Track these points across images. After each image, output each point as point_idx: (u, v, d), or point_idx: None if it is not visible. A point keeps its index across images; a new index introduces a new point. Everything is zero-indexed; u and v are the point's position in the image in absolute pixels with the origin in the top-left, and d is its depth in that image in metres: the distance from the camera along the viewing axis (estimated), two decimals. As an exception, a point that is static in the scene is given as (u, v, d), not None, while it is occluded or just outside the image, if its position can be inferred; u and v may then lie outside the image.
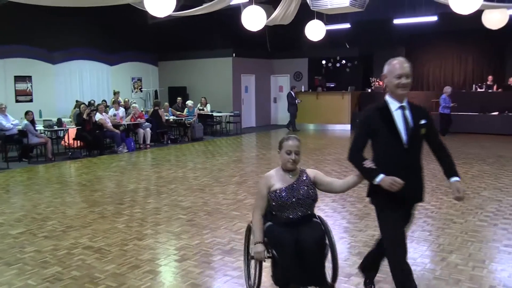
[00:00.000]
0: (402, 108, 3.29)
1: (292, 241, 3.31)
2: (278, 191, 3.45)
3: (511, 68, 16.96)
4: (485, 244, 5.13)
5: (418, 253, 4.89)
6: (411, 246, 5.08)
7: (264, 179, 3.59)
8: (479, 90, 16.67)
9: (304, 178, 3.56)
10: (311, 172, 3.64)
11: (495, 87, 16.44)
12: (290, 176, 3.53)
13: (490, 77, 16.75)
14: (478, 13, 9.39)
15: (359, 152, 3.36)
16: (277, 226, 3.44)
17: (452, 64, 18.73)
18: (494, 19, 9.87)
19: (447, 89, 15.03)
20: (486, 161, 10.37)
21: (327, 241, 3.42)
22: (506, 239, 5.30)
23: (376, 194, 3.36)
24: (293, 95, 17.58)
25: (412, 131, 3.25)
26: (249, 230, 3.75)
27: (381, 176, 3.21)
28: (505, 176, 8.78)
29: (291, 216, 3.44)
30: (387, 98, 3.34)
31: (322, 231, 3.46)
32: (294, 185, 3.48)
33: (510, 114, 15.31)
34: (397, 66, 3.24)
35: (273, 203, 3.47)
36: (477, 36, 16.63)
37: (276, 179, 3.52)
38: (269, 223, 3.51)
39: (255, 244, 3.45)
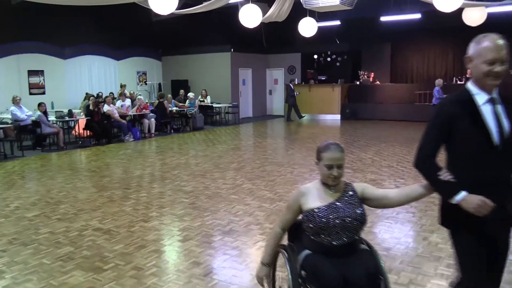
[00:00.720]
0: (492, 101, 2.32)
1: (339, 278, 2.40)
2: (316, 210, 2.54)
3: (489, 62, 16.93)
4: (463, 225, 5.16)
5: (402, 233, 4.92)
6: (396, 227, 5.12)
7: (297, 193, 2.68)
8: (459, 82, 16.67)
9: (350, 194, 2.64)
10: (359, 186, 2.71)
11: (474, 80, 16.42)
12: (332, 191, 2.62)
13: (469, 71, 16.69)
14: (459, 11, 9.35)
15: (432, 158, 2.40)
16: (318, 257, 2.54)
17: (435, 59, 18.69)
18: (473, 17, 9.84)
19: (439, 81, 14.95)
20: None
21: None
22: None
23: (452, 214, 2.39)
24: (292, 87, 17.54)
25: (508, 131, 2.28)
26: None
27: (463, 193, 2.24)
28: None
29: (334, 243, 2.52)
30: (470, 87, 2.41)
31: (374, 263, 2.57)
32: (337, 204, 2.57)
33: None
34: (490, 47, 2.25)
35: (310, 225, 2.55)
36: (457, 32, 16.49)
37: (314, 195, 2.62)
38: (307, 251, 2.61)
39: (260, 263, 2.77)
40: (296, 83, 18.27)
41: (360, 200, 2.64)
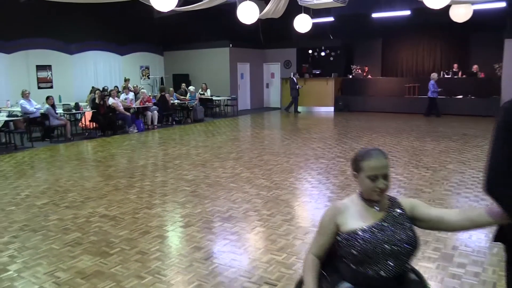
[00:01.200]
0: None
1: None
2: (359, 232, 1.95)
3: (474, 57, 16.90)
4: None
5: (392, 219, 4.94)
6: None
7: (332, 210, 2.07)
8: (446, 76, 16.66)
9: (398, 212, 2.02)
10: (407, 202, 2.07)
11: (460, 73, 16.43)
12: (376, 209, 2.00)
13: (455, 65, 16.71)
14: (446, 8, 9.31)
15: (509, 177, 1.70)
16: None
17: (423, 53, 18.66)
18: (460, 13, 9.80)
19: (434, 75, 14.90)
20: (452, 138, 10.42)
21: None
22: (468, 206, 5.36)
23: None
24: (295, 81, 17.41)
25: None
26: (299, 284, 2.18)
27: None
28: (467, 151, 8.83)
29: (381, 273, 1.92)
30: None
31: None
32: (384, 224, 1.96)
33: (473, 97, 15.33)
34: None
35: (353, 251, 1.94)
36: (445, 28, 16.54)
37: (354, 214, 2.01)
38: (347, 285, 1.98)
39: None
40: (298, 76, 18.13)
41: (410, 219, 2.02)
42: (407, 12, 14.32)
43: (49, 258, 4.02)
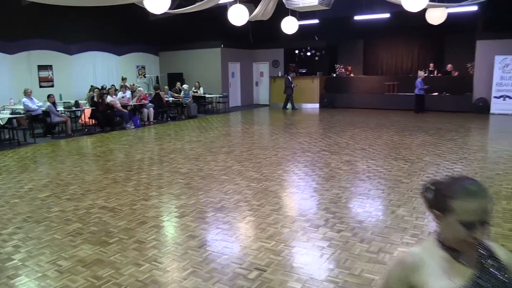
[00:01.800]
0: None
1: None
2: None
3: (448, 57, 17.01)
4: (426, 200, 5.23)
5: (373, 208, 4.97)
6: (368, 202, 5.17)
7: (401, 270, 1.37)
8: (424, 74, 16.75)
9: (490, 262, 1.32)
10: (502, 252, 1.37)
11: (435, 72, 16.54)
12: (465, 261, 1.31)
13: (431, 64, 16.83)
14: (423, 12, 9.33)
15: None
16: None
17: (402, 53, 18.74)
18: (435, 16, 9.84)
19: (421, 73, 14.86)
20: (428, 133, 10.50)
21: None
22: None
23: None
24: (290, 79, 17.31)
25: None
26: None
27: None
28: (442, 145, 8.91)
29: None
30: None
31: None
32: (479, 282, 1.28)
33: (448, 94, 15.45)
34: None
35: None
36: (421, 30, 16.60)
37: (434, 271, 1.31)
38: None
39: None
40: (294, 75, 17.97)
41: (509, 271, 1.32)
42: (386, 15, 14.36)
43: (51, 248, 3.99)
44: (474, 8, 12.91)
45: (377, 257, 3.64)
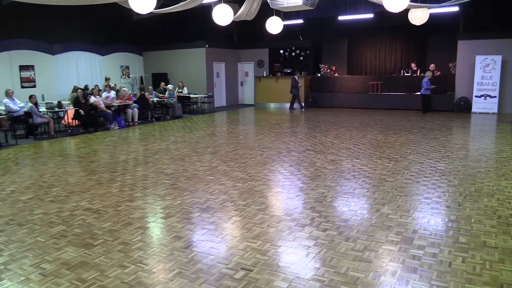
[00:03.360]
0: None
1: None
2: None
3: (431, 56, 17.25)
4: (410, 198, 5.30)
5: (358, 206, 5.02)
6: (353, 201, 5.22)
7: None
8: (406, 74, 16.97)
9: None
10: None
11: (418, 71, 16.77)
12: None
13: (413, 64, 17.06)
14: (405, 12, 9.45)
15: None
16: None
17: (385, 53, 18.93)
18: (417, 17, 9.96)
19: (429, 73, 14.94)
20: (412, 132, 10.63)
21: None
22: (426, 193, 5.49)
23: None
24: (296, 79, 17.09)
25: None
26: None
27: None
28: (425, 143, 9.04)
29: None
30: None
31: None
32: None
33: (431, 93, 15.65)
34: None
35: None
36: (404, 30, 16.84)
37: None
38: None
39: None
40: (299, 75, 17.85)
41: None
42: (370, 15, 14.50)
43: (34, 251, 3.93)
44: (456, 8, 13.13)
45: (362, 255, 3.67)
